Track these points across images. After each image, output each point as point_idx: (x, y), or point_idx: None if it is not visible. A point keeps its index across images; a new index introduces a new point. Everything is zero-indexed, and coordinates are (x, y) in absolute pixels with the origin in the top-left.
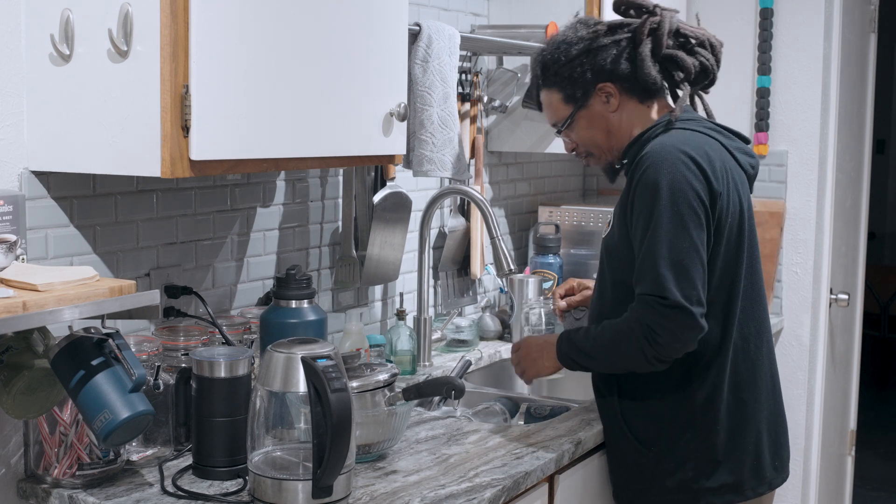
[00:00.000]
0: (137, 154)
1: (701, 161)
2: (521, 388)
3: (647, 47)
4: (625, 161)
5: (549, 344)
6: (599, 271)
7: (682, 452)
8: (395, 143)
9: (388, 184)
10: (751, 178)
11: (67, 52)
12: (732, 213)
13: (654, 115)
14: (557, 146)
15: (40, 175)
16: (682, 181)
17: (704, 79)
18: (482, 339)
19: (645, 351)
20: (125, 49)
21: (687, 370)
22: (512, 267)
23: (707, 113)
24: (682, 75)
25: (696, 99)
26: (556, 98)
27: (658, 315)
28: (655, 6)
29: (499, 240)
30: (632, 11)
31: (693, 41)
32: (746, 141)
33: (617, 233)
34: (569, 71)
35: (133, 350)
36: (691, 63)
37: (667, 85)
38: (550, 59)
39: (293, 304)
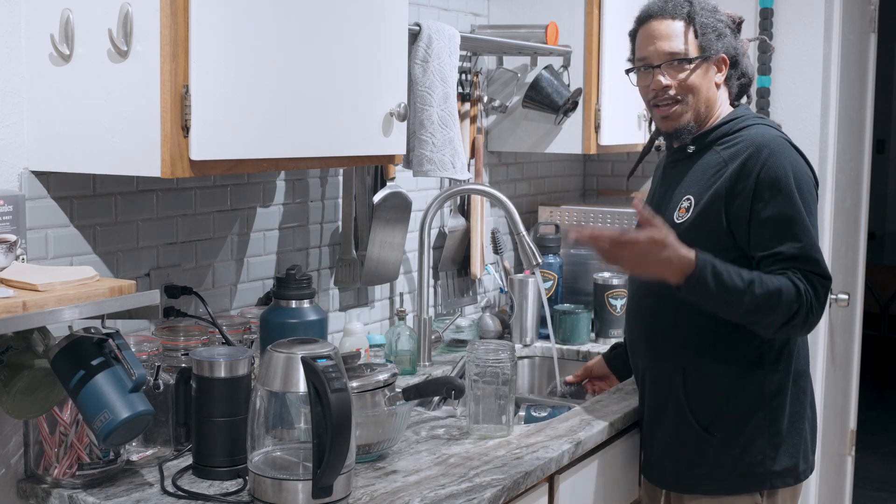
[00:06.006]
0: (137, 154)
1: (804, 154)
2: (522, 388)
3: (746, 60)
4: (692, 147)
5: (675, 250)
6: None
7: (750, 436)
8: (395, 143)
9: (388, 184)
10: None
11: (67, 52)
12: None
13: (730, 113)
14: (557, 146)
15: (40, 175)
16: (803, 171)
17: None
18: (482, 338)
19: (793, 320)
20: (125, 49)
21: (759, 354)
22: (539, 260)
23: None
24: (747, 82)
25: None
26: (692, 36)
27: (819, 297)
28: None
29: (524, 235)
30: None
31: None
32: None
33: (707, 217)
34: (716, 26)
35: (133, 350)
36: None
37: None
38: (701, 7)
39: (293, 304)
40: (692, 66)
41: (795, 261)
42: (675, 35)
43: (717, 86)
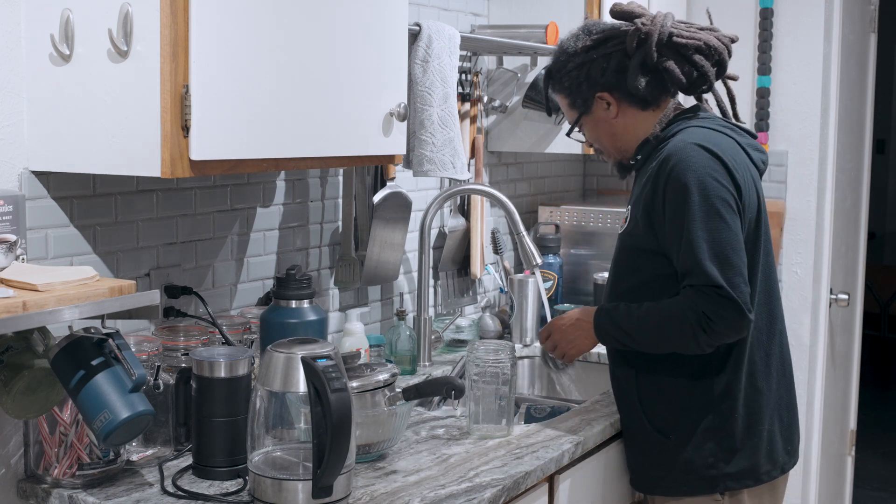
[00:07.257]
0: (137, 154)
1: (721, 155)
2: (522, 388)
3: (636, 60)
4: (638, 157)
5: (584, 322)
6: (617, 264)
7: (700, 439)
8: (395, 143)
9: (388, 184)
10: (761, 173)
11: (67, 52)
12: (750, 207)
13: (661, 117)
14: (557, 146)
15: (40, 175)
16: (708, 176)
17: (702, 84)
18: (482, 338)
19: (698, 338)
20: (125, 49)
21: (706, 359)
22: (539, 260)
23: (722, 111)
24: (673, 86)
25: (712, 96)
26: (564, 103)
27: (715, 304)
28: (644, 15)
29: (524, 235)
30: (625, 20)
31: (690, 50)
32: (754, 136)
33: (638, 228)
34: (568, 81)
35: (133, 350)
36: (681, 73)
37: (671, 91)
38: (554, 69)
39: (293, 304)
40: (580, 127)
41: (689, 276)
42: (561, 106)
43: (616, 117)
